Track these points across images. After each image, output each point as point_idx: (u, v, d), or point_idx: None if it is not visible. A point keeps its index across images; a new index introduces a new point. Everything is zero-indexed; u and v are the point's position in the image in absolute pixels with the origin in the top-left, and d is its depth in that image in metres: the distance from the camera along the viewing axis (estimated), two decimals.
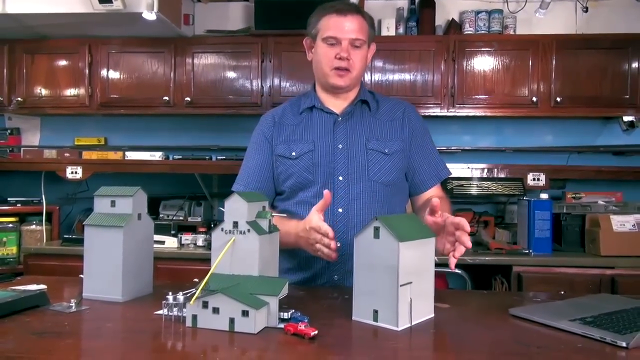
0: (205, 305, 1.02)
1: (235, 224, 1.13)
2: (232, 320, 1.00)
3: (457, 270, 2.40)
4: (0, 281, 1.33)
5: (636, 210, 2.64)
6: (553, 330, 1.06)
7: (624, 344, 0.94)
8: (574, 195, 2.90)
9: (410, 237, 1.07)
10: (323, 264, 1.47)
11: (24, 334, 0.98)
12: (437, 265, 1.17)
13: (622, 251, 2.46)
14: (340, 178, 1.50)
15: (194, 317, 1.03)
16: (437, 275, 1.19)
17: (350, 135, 1.54)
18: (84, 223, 1.25)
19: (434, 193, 1.60)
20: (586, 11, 2.81)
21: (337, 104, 1.59)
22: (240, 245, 1.12)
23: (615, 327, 1.04)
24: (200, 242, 2.71)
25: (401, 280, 1.04)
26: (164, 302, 1.09)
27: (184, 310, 1.06)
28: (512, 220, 3.00)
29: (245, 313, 0.99)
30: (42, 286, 1.34)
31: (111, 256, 1.23)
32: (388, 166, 1.53)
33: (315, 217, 1.28)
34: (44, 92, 3.00)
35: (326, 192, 1.30)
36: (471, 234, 2.79)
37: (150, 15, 2.49)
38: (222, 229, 1.14)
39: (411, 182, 1.61)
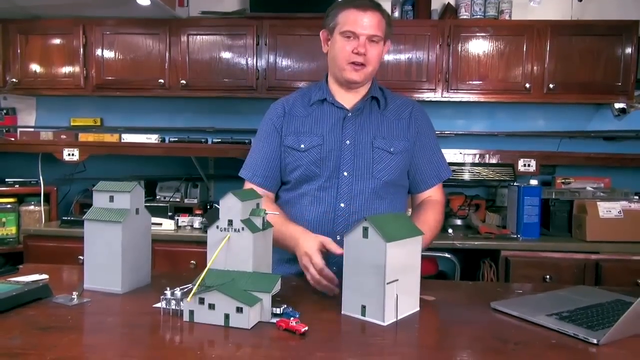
0: (201, 301, 1.07)
1: (230, 222, 1.18)
2: (227, 316, 1.06)
3: (446, 255, 2.47)
4: (4, 274, 1.37)
5: (622, 196, 2.70)
6: (531, 325, 1.12)
7: (594, 341, 1.01)
8: (563, 180, 2.96)
9: (397, 237, 1.12)
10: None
11: (29, 329, 1.03)
12: (428, 249, 1.21)
13: (607, 237, 2.52)
14: (345, 174, 1.54)
15: (191, 312, 1.08)
16: (428, 258, 1.24)
17: (358, 131, 1.57)
18: (83, 218, 1.29)
19: (432, 194, 1.66)
20: (580, 0, 2.80)
21: (348, 99, 1.61)
22: (234, 242, 1.17)
23: (589, 323, 1.10)
24: (196, 224, 2.75)
25: (388, 278, 1.09)
26: (162, 296, 1.14)
27: (182, 303, 1.11)
28: (502, 203, 3.05)
29: (239, 309, 1.05)
30: (44, 276, 1.39)
31: (111, 250, 1.27)
32: (392, 165, 1.57)
33: (316, 255, 1.32)
34: (38, 72, 2.99)
35: (340, 251, 1.24)
36: (462, 218, 2.89)
37: (144, 0, 2.47)
38: (217, 227, 1.19)
39: (412, 179, 1.65)
